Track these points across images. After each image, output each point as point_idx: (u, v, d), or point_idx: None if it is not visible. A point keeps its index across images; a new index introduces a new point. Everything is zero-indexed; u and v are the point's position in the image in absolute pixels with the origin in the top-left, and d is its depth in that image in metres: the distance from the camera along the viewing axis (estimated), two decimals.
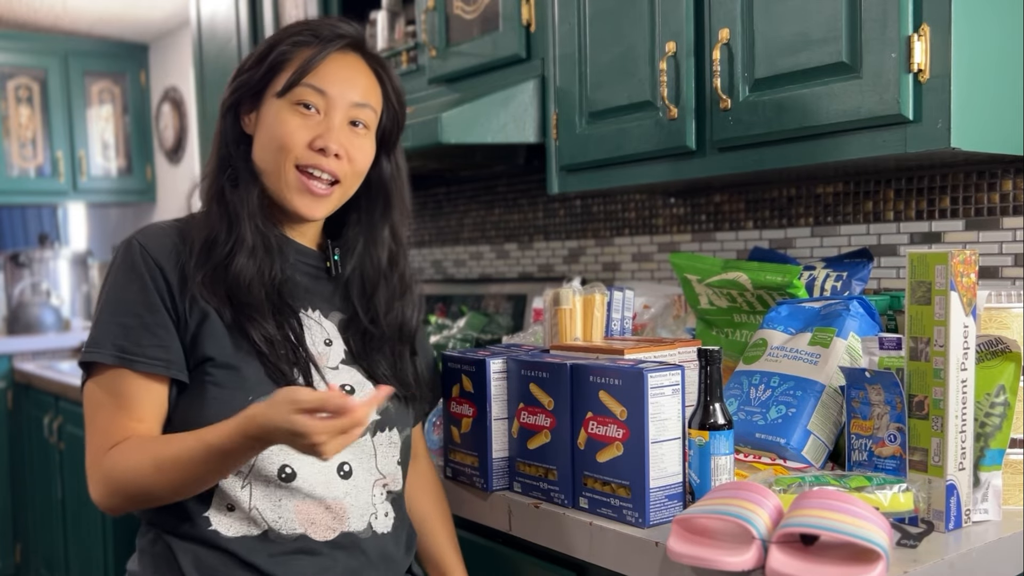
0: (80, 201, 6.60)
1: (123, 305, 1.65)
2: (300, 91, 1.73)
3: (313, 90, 1.73)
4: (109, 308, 1.67)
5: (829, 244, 2.57)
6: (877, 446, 1.75)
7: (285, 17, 3.83)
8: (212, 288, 1.67)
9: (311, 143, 1.72)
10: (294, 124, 1.72)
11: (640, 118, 2.37)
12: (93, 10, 5.87)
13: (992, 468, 1.74)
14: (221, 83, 4.29)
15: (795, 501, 1.53)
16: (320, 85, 1.73)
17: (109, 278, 1.70)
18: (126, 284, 1.66)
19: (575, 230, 3.37)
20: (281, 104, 1.73)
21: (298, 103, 1.73)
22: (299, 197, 1.74)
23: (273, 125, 1.73)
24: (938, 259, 1.65)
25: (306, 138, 1.72)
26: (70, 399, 4.81)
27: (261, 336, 1.68)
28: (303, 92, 1.73)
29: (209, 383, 1.66)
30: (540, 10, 2.66)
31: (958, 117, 1.80)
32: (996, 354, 1.74)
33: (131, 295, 1.65)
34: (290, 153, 1.72)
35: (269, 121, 1.74)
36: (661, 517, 1.76)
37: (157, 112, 6.49)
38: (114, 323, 1.65)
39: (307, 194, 1.74)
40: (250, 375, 1.66)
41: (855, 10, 1.90)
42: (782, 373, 2.01)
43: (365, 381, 1.79)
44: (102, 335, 1.65)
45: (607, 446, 1.80)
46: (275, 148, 1.73)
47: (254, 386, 1.65)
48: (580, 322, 2.22)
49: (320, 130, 1.73)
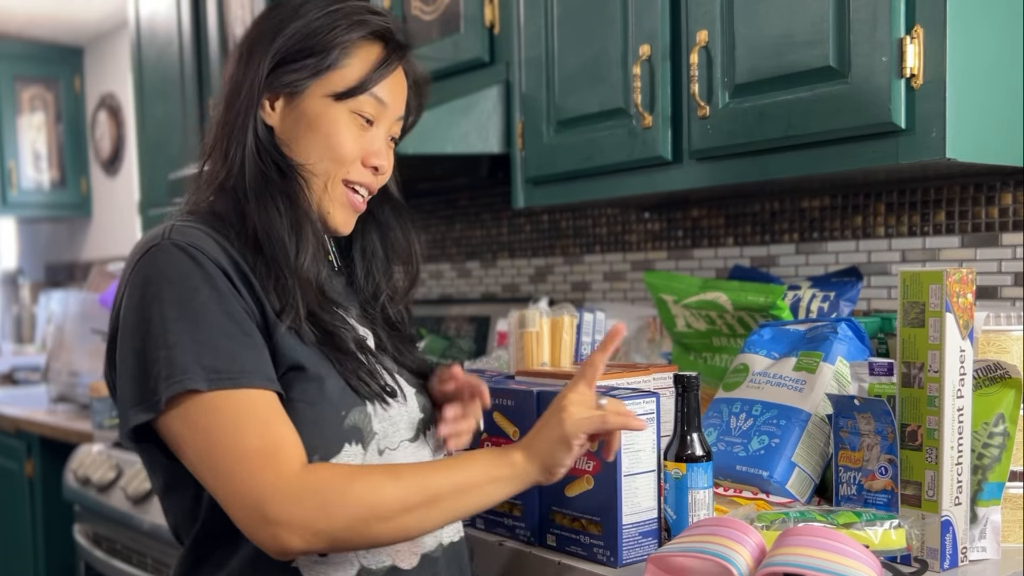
0: (10, 216, 6.55)
1: (199, 319, 1.49)
2: (364, 100, 1.67)
3: (376, 101, 1.68)
4: (180, 327, 1.48)
5: (815, 262, 2.57)
6: (867, 479, 1.74)
7: (230, 18, 3.81)
8: (282, 293, 1.58)
9: (364, 159, 1.69)
10: (352, 136, 1.67)
11: (612, 127, 2.36)
12: (23, 11, 5.83)
13: (990, 503, 1.74)
14: (161, 89, 4.31)
15: (779, 538, 1.52)
16: (383, 96, 1.69)
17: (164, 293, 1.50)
18: (190, 295, 1.50)
19: (542, 247, 3.36)
20: (339, 110, 1.67)
21: (359, 113, 1.67)
22: (341, 212, 1.71)
23: (330, 132, 1.67)
24: (932, 278, 1.64)
25: (359, 153, 1.68)
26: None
27: (352, 341, 1.63)
28: (366, 102, 1.67)
29: (298, 401, 1.55)
30: (504, 11, 2.65)
31: (953, 125, 1.80)
32: (995, 380, 1.74)
33: (203, 306, 1.50)
34: (343, 167, 1.67)
35: (321, 124, 1.67)
36: (634, 556, 1.75)
37: (93, 120, 6.46)
38: (194, 343, 1.48)
39: (349, 210, 1.71)
40: (332, 387, 1.58)
41: (843, 10, 1.90)
42: (765, 401, 2.01)
43: (402, 380, 1.73)
44: (184, 359, 1.46)
45: (576, 479, 1.79)
46: (328, 157, 1.67)
47: (340, 398, 1.58)
48: (548, 346, 2.21)
49: (374, 146, 1.69)
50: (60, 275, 6.87)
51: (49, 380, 4.82)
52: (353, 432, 1.58)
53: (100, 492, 3.44)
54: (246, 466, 1.45)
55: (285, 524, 1.43)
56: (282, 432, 1.49)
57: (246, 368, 1.49)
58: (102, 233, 6.45)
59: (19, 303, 6.74)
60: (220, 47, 3.86)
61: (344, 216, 1.72)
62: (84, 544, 3.59)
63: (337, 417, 1.56)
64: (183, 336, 1.47)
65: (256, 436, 1.46)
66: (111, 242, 6.32)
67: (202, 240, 1.54)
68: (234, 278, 1.54)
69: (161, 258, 1.51)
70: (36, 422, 4.42)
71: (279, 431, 1.49)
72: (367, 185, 1.71)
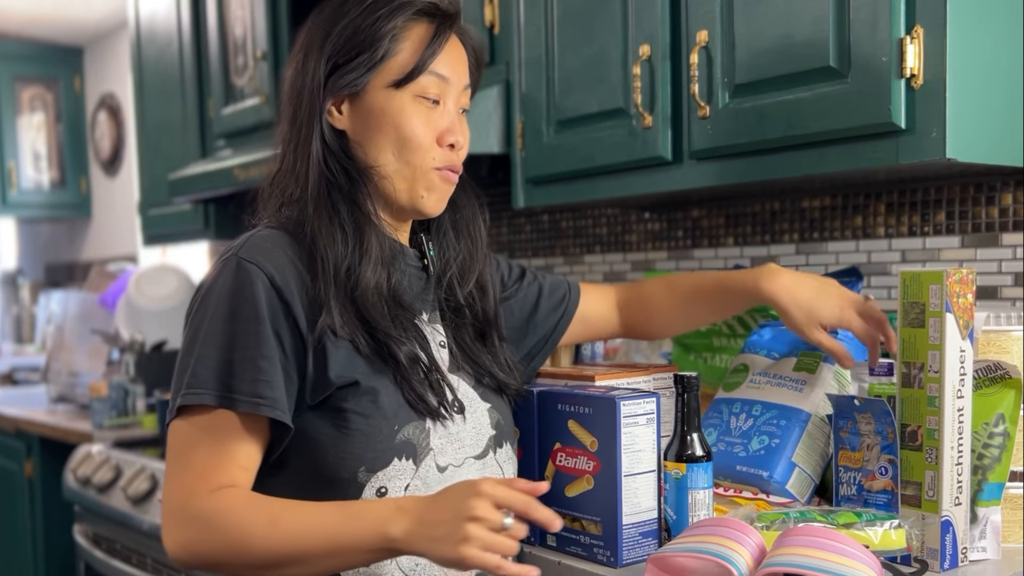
0: (9, 216, 6.55)
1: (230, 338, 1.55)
2: (424, 81, 1.66)
3: (437, 78, 1.67)
4: (212, 341, 1.55)
5: (815, 262, 2.57)
6: (867, 479, 1.74)
7: (230, 18, 3.81)
8: (343, 311, 1.59)
9: (439, 139, 1.68)
10: (420, 120, 1.66)
11: (612, 127, 2.36)
12: (23, 11, 5.82)
13: (991, 503, 1.73)
14: (161, 89, 4.31)
15: (779, 539, 1.52)
16: (442, 71, 1.67)
17: (212, 305, 1.57)
18: (232, 314, 1.55)
19: (542, 247, 3.36)
20: (402, 97, 1.66)
21: (422, 96, 1.66)
22: (434, 196, 1.71)
23: (399, 123, 1.65)
24: (932, 278, 1.64)
25: (433, 134, 1.67)
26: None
27: (407, 355, 1.62)
28: (427, 83, 1.66)
29: (352, 412, 1.58)
30: (504, 11, 2.65)
31: (954, 125, 1.79)
32: (995, 380, 1.74)
33: (241, 327, 1.55)
34: (426, 154, 1.67)
35: (387, 116, 1.66)
36: (635, 556, 1.75)
37: (92, 120, 6.45)
38: (218, 359, 1.54)
39: (443, 193, 1.72)
40: (387, 402, 1.60)
41: (843, 10, 1.89)
42: (765, 401, 2.01)
43: (473, 395, 1.73)
44: (205, 372, 1.54)
45: (577, 479, 1.79)
46: (406, 148, 1.66)
47: (395, 413, 1.60)
48: None
49: (445, 123, 1.69)
50: (60, 275, 6.87)
51: (49, 380, 4.82)
52: (405, 447, 1.60)
53: (100, 492, 3.44)
54: (181, 479, 1.55)
55: (174, 539, 1.54)
56: (227, 457, 1.55)
57: (260, 393, 1.53)
58: (102, 233, 6.45)
59: (19, 303, 6.73)
60: (220, 47, 3.86)
61: (437, 200, 1.72)
62: (84, 544, 3.59)
63: (390, 431, 1.58)
64: (213, 351, 1.55)
65: (202, 457, 1.55)
66: (111, 242, 6.31)
67: (270, 255, 1.58)
68: (289, 297, 1.57)
69: (225, 271, 1.58)
70: (36, 422, 4.42)
71: (225, 456, 1.55)
72: (451, 165, 1.70)
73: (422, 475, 1.61)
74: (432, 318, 1.76)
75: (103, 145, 6.34)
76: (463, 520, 1.37)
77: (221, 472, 1.54)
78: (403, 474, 1.59)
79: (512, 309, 1.95)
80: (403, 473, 1.59)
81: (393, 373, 1.61)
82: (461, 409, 1.68)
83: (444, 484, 1.61)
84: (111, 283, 4.88)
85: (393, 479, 1.58)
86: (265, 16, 3.57)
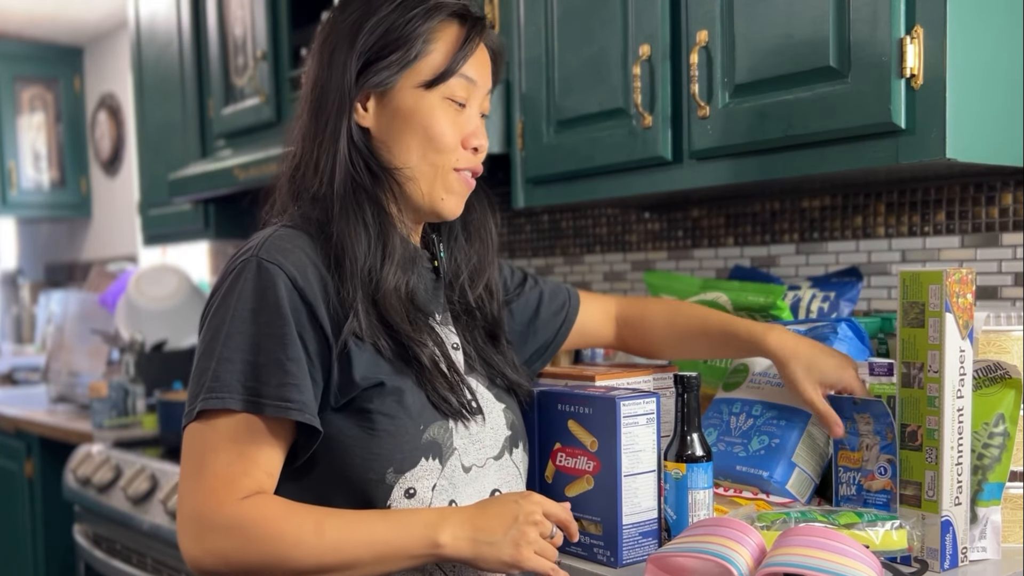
0: (9, 216, 6.55)
1: (254, 340, 1.52)
2: (454, 84, 1.66)
3: (466, 81, 1.67)
4: (234, 343, 1.53)
5: (815, 262, 2.57)
6: (866, 479, 1.74)
7: (230, 18, 3.81)
8: (367, 314, 1.59)
9: (464, 142, 1.68)
10: (448, 122, 1.66)
11: (612, 126, 2.36)
12: (22, 10, 5.82)
13: (991, 503, 1.73)
14: (161, 89, 4.31)
15: (779, 539, 1.52)
16: (471, 75, 1.68)
17: (232, 307, 1.54)
18: (254, 315, 1.53)
19: (542, 247, 3.36)
20: (432, 98, 1.65)
21: (451, 98, 1.66)
22: (453, 198, 1.71)
23: (428, 124, 1.65)
24: (932, 278, 1.64)
25: (459, 136, 1.68)
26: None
27: (429, 358, 1.62)
28: (457, 85, 1.66)
29: (377, 413, 1.57)
30: (504, 10, 2.65)
31: (954, 125, 1.79)
32: (995, 380, 1.74)
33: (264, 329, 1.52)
34: (451, 155, 1.67)
35: (416, 116, 1.65)
36: (635, 556, 1.75)
37: (92, 120, 6.45)
38: (242, 361, 1.52)
39: (461, 195, 1.72)
40: (412, 402, 1.59)
41: (843, 10, 1.89)
42: (765, 401, 2.01)
43: (489, 395, 1.74)
44: (229, 375, 1.52)
45: (576, 479, 1.79)
46: (432, 149, 1.66)
47: (420, 412, 1.60)
48: None
49: (469, 127, 1.69)
50: (60, 275, 6.87)
51: (49, 380, 4.82)
52: (431, 447, 1.60)
53: (100, 492, 3.44)
54: (201, 484, 1.51)
55: (204, 548, 1.49)
56: (252, 463, 1.53)
57: (288, 397, 1.52)
58: (102, 233, 6.45)
59: (19, 303, 6.73)
60: (220, 47, 3.86)
61: (456, 202, 1.71)
62: (84, 544, 3.59)
63: (416, 431, 1.58)
64: (236, 353, 1.52)
65: (225, 462, 1.52)
66: (111, 242, 6.31)
67: (290, 256, 1.56)
68: (312, 299, 1.55)
69: (244, 272, 1.55)
70: (36, 422, 4.42)
71: (250, 461, 1.52)
72: (472, 168, 1.71)
73: (448, 475, 1.61)
74: (444, 320, 1.75)
75: (103, 145, 6.34)
76: (522, 524, 1.50)
77: (248, 478, 1.51)
78: (430, 474, 1.59)
79: (513, 313, 1.95)
80: (430, 473, 1.59)
81: (416, 375, 1.61)
82: (480, 410, 1.68)
83: (469, 484, 1.64)
84: (111, 283, 4.88)
85: (421, 479, 1.58)
86: (265, 16, 3.57)
